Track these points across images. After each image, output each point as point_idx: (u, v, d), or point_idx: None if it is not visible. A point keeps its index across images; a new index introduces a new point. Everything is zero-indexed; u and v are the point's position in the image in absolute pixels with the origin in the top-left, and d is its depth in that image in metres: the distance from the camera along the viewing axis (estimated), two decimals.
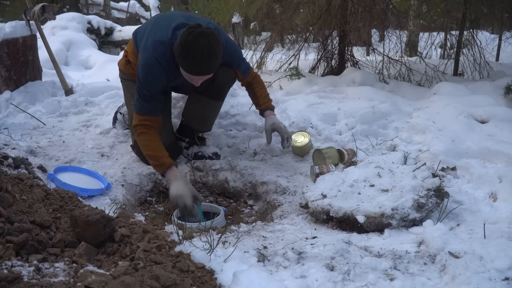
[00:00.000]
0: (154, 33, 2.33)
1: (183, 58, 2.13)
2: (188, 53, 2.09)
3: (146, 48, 2.30)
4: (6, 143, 2.72)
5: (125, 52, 2.70)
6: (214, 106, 2.75)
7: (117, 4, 14.08)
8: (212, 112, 2.78)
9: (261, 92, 2.71)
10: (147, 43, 2.31)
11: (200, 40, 2.05)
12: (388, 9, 4.81)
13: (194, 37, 2.06)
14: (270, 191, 2.44)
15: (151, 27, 2.42)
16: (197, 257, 1.45)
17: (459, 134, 2.72)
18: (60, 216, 1.65)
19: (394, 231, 1.82)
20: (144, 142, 2.32)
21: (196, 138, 2.81)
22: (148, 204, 2.48)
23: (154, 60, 2.24)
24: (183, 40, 2.09)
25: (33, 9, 3.89)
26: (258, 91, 2.71)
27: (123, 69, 2.73)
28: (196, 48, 2.06)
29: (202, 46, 2.06)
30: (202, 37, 2.05)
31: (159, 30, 2.33)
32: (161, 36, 2.28)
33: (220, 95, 2.70)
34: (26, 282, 1.17)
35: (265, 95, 2.73)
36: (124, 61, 2.70)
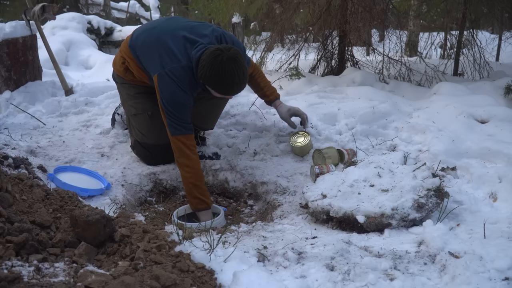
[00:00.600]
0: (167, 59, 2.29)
1: (219, 85, 2.21)
2: (225, 80, 2.16)
3: (165, 76, 2.26)
4: (6, 143, 2.72)
5: (122, 59, 2.59)
6: (219, 103, 2.76)
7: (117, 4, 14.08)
8: (216, 110, 2.79)
9: (264, 82, 2.80)
10: (165, 71, 2.26)
11: (233, 66, 2.13)
12: (388, 9, 4.81)
13: (226, 65, 2.12)
14: (270, 191, 2.44)
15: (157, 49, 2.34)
16: (197, 257, 1.45)
17: (459, 134, 2.72)
18: (60, 216, 1.65)
19: (394, 231, 1.82)
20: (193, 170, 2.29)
21: (197, 137, 2.81)
22: (148, 204, 2.48)
23: (179, 87, 2.25)
24: (216, 69, 2.13)
25: (33, 9, 3.89)
26: (261, 82, 2.78)
27: (122, 75, 2.65)
28: (231, 74, 2.15)
29: (236, 70, 2.14)
30: (232, 62, 2.13)
31: (171, 55, 2.29)
32: (177, 61, 2.28)
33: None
34: (26, 282, 1.17)
35: (269, 86, 2.82)
36: (122, 68, 2.61)
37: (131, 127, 2.71)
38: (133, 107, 2.65)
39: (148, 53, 2.40)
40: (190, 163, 2.28)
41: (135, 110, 2.64)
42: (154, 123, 2.56)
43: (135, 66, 2.52)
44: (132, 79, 2.62)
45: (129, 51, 2.51)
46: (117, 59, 2.68)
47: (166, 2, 14.58)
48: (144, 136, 2.62)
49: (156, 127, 2.56)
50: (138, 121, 2.63)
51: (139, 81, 2.58)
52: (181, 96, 2.27)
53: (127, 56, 2.54)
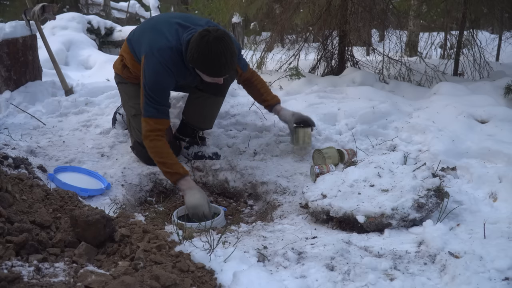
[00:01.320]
0: (157, 40, 2.32)
1: (207, 66, 2.19)
2: (212, 60, 2.15)
3: (152, 56, 2.28)
4: (6, 143, 2.72)
5: (121, 56, 2.67)
6: (216, 102, 2.76)
7: (117, 4, 14.08)
8: (213, 108, 2.79)
9: (264, 88, 2.76)
10: (152, 50, 2.29)
11: (219, 45, 2.11)
12: (388, 9, 4.82)
13: (212, 44, 2.11)
14: (270, 191, 2.44)
15: (150, 33, 2.40)
16: (197, 257, 1.45)
17: (459, 134, 2.72)
18: (60, 216, 1.65)
19: (394, 231, 1.81)
20: (156, 149, 2.34)
21: (196, 137, 2.81)
22: (148, 204, 2.48)
23: (163, 66, 2.26)
24: (202, 49, 2.13)
25: (33, 9, 3.89)
26: (261, 88, 2.74)
27: (120, 73, 2.72)
28: (218, 54, 2.12)
29: (222, 50, 2.12)
30: (219, 41, 2.12)
31: (162, 36, 2.32)
32: (165, 42, 2.29)
33: (221, 91, 2.71)
34: (26, 282, 1.17)
35: (270, 91, 2.78)
36: (120, 65, 2.69)
37: (131, 127, 2.72)
38: (133, 107, 2.66)
39: (141, 39, 2.45)
40: (152, 144, 2.33)
41: (135, 110, 2.65)
42: None
43: (130, 59, 2.55)
44: (129, 75, 2.65)
45: (126, 46, 2.57)
46: (117, 59, 2.75)
47: (166, 2, 14.59)
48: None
49: None
50: (138, 121, 2.64)
51: (135, 76, 2.60)
52: (163, 78, 2.28)
53: (125, 52, 2.60)
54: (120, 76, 2.73)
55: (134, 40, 2.52)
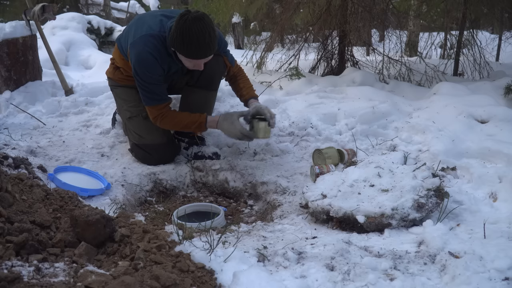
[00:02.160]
0: (141, 29, 2.36)
1: (185, 46, 2.18)
2: (190, 39, 2.14)
3: (136, 44, 2.32)
4: (6, 143, 2.72)
5: (112, 60, 2.72)
6: (208, 96, 2.76)
7: (117, 4, 14.08)
8: (206, 103, 2.78)
9: (244, 83, 2.71)
10: (135, 39, 2.33)
11: (197, 24, 2.11)
12: (388, 9, 4.81)
13: (190, 23, 2.11)
14: (270, 191, 2.44)
15: (135, 26, 2.44)
16: (197, 257, 1.45)
17: (459, 134, 2.72)
18: (60, 216, 1.65)
19: (394, 231, 1.81)
20: (170, 123, 2.49)
21: (195, 137, 2.81)
22: (148, 204, 2.48)
23: (147, 53, 2.29)
24: (180, 28, 2.14)
25: (33, 9, 3.89)
26: (241, 83, 2.71)
27: (112, 76, 2.75)
28: (196, 33, 2.12)
29: (201, 29, 2.12)
30: (197, 21, 2.12)
31: (145, 25, 2.36)
32: (148, 29, 2.32)
33: (212, 84, 2.72)
34: (26, 282, 1.17)
35: (249, 86, 2.71)
36: (112, 68, 2.73)
37: (128, 131, 2.73)
38: (128, 111, 2.68)
39: (127, 34, 2.48)
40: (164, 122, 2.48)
41: (130, 113, 2.67)
42: (149, 123, 2.60)
43: (119, 58, 2.59)
44: (121, 77, 2.68)
45: (116, 46, 2.61)
46: (109, 65, 2.79)
47: (166, 2, 14.58)
48: (141, 137, 2.63)
49: (151, 127, 2.61)
50: (134, 123, 2.66)
51: (127, 77, 2.62)
52: (150, 63, 2.31)
53: (115, 53, 2.65)
54: (112, 80, 2.76)
55: (122, 38, 2.56)
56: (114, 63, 2.70)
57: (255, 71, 4.70)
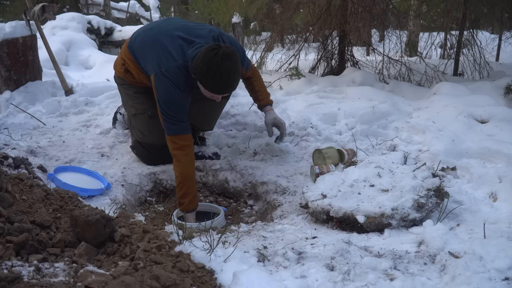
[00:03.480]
0: (163, 59, 2.30)
1: (211, 82, 2.17)
2: (216, 76, 2.13)
3: (162, 75, 2.27)
4: (6, 143, 2.73)
5: (123, 60, 2.62)
6: (219, 104, 2.76)
7: (117, 4, 14.07)
8: (216, 110, 2.79)
9: (259, 86, 2.75)
10: (161, 70, 2.27)
11: (226, 63, 2.11)
12: (388, 9, 4.81)
13: (219, 60, 2.10)
14: (270, 191, 2.44)
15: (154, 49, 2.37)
16: (197, 257, 1.45)
17: (459, 134, 2.72)
18: (60, 216, 1.65)
19: (394, 231, 1.81)
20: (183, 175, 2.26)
21: (196, 137, 2.81)
22: (148, 204, 2.48)
23: (174, 84, 2.25)
24: (209, 63, 2.11)
25: (33, 9, 3.89)
26: (256, 85, 2.74)
27: (122, 76, 2.68)
28: (223, 71, 2.11)
29: (229, 68, 2.11)
30: (227, 59, 2.11)
31: (167, 55, 2.31)
32: (172, 61, 2.29)
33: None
34: (26, 282, 1.17)
35: (264, 90, 2.77)
36: (122, 70, 2.65)
37: (132, 127, 2.72)
38: (134, 107, 2.66)
39: (145, 53, 2.42)
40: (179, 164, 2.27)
41: (135, 110, 2.65)
42: (154, 123, 2.56)
43: (134, 67, 2.53)
44: (132, 80, 2.63)
45: (128, 52, 2.53)
46: (117, 61, 2.71)
47: (166, 2, 14.58)
48: (144, 136, 2.63)
49: (156, 127, 2.56)
50: (139, 121, 2.64)
51: (139, 82, 2.59)
52: (177, 95, 2.27)
53: (127, 58, 2.56)
54: (121, 78, 2.71)
55: (136, 49, 2.48)
56: (125, 65, 2.61)
57: None
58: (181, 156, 2.28)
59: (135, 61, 2.49)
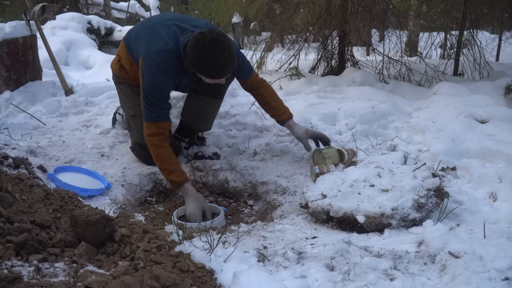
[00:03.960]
0: (154, 42, 2.30)
1: (207, 69, 2.17)
2: (211, 63, 2.13)
3: (149, 58, 2.26)
4: (6, 143, 2.72)
5: (118, 57, 2.64)
6: (214, 104, 2.76)
7: (117, 4, 14.07)
8: (212, 110, 2.78)
9: (275, 101, 2.61)
10: (149, 53, 2.27)
11: (216, 47, 2.10)
12: (388, 9, 4.81)
13: (209, 47, 2.09)
14: (270, 191, 2.44)
15: (147, 34, 2.38)
16: (197, 257, 1.45)
17: (459, 134, 2.72)
18: (60, 216, 1.65)
19: (394, 231, 1.81)
20: (157, 157, 2.32)
21: (196, 138, 2.81)
22: (148, 204, 2.48)
23: (160, 69, 2.24)
24: (200, 52, 2.11)
25: (33, 9, 3.89)
26: (272, 101, 2.61)
27: (117, 73, 2.69)
28: (216, 56, 2.10)
29: (221, 51, 2.10)
30: (216, 43, 2.10)
31: (159, 38, 2.30)
32: (163, 45, 2.28)
33: (219, 93, 2.71)
34: (26, 282, 1.17)
35: (281, 103, 2.64)
36: (117, 66, 2.66)
37: (131, 128, 2.72)
38: (132, 108, 2.66)
39: (138, 40, 2.43)
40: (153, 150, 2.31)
41: (134, 111, 2.65)
42: None
43: (127, 60, 2.54)
44: (126, 77, 2.64)
45: (123, 46, 2.55)
46: (114, 59, 2.73)
47: (166, 2, 14.58)
48: (143, 136, 2.62)
49: None
50: (137, 122, 2.64)
51: (133, 78, 2.59)
52: (162, 81, 2.27)
53: (122, 52, 2.58)
54: (117, 76, 2.72)
55: (131, 41, 2.50)
56: (120, 61, 2.63)
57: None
58: (155, 141, 2.31)
59: (129, 53, 2.50)
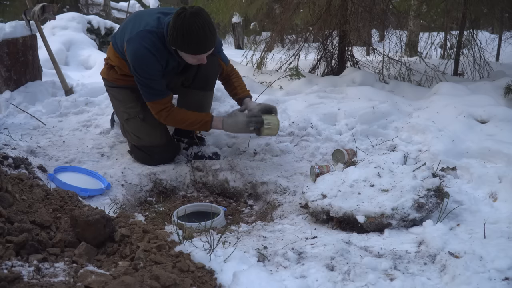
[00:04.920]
0: (138, 25, 2.34)
1: (187, 43, 2.18)
2: (190, 36, 2.14)
3: (133, 40, 2.29)
4: (6, 143, 2.72)
5: (106, 59, 2.67)
6: (204, 96, 2.76)
7: (117, 4, 14.07)
8: (203, 103, 2.77)
9: (238, 82, 2.74)
10: (132, 35, 2.31)
11: (196, 20, 2.11)
12: (388, 9, 4.82)
13: (189, 20, 2.11)
14: (270, 191, 2.44)
15: (132, 23, 2.42)
16: (197, 257, 1.45)
17: (459, 134, 2.72)
18: (60, 216, 1.65)
19: (394, 231, 1.81)
20: (175, 120, 2.45)
21: (195, 137, 2.81)
22: (148, 204, 2.48)
23: (144, 49, 2.27)
24: (179, 26, 2.13)
25: (33, 9, 3.89)
26: (235, 82, 2.73)
27: (106, 77, 2.71)
28: (196, 29, 2.12)
29: (200, 24, 2.12)
30: (195, 17, 2.12)
31: (142, 21, 2.34)
32: (146, 25, 2.30)
33: (208, 84, 2.72)
34: (26, 282, 1.17)
35: (243, 85, 2.74)
36: (106, 69, 2.69)
37: (127, 132, 2.72)
38: (126, 112, 2.67)
39: (123, 31, 2.45)
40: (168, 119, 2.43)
41: (128, 115, 2.66)
42: (147, 124, 2.60)
43: (114, 57, 2.55)
44: (115, 77, 2.65)
45: (110, 45, 2.57)
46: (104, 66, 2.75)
47: (166, 2, 14.58)
48: (139, 139, 2.63)
49: (149, 128, 2.61)
50: (132, 125, 2.65)
51: (122, 77, 2.60)
52: (148, 58, 2.28)
53: (109, 52, 2.60)
54: (107, 80, 2.73)
55: (117, 36, 2.52)
56: (108, 63, 2.66)
57: (255, 71, 4.70)
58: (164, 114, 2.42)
59: (115, 49, 2.51)
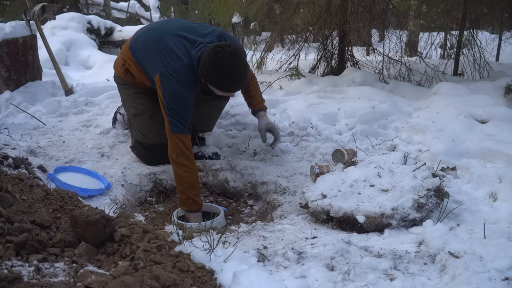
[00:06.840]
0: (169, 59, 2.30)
1: (222, 82, 2.19)
2: (225, 76, 2.16)
3: (168, 75, 2.26)
4: (6, 143, 2.72)
5: (123, 61, 2.61)
6: (219, 105, 2.77)
7: (117, 4, 14.06)
8: (216, 111, 2.79)
9: (255, 92, 2.75)
10: (167, 70, 2.27)
11: (233, 61, 2.13)
12: (388, 9, 4.81)
13: (227, 61, 2.12)
14: (270, 191, 2.44)
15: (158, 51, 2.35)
16: (197, 257, 1.45)
17: (459, 134, 2.72)
18: (60, 216, 1.65)
19: (394, 231, 1.82)
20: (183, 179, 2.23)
21: (196, 138, 2.81)
22: (148, 204, 2.48)
23: (182, 85, 2.26)
24: (217, 65, 2.13)
25: (33, 9, 3.89)
26: (252, 91, 2.74)
27: (122, 76, 2.68)
28: (231, 71, 2.14)
29: (237, 66, 2.14)
30: (233, 57, 2.13)
31: (172, 54, 2.31)
32: (178, 60, 2.29)
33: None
34: (26, 282, 1.17)
35: (259, 96, 2.78)
36: (122, 70, 2.64)
37: (132, 127, 2.72)
38: (134, 107, 2.66)
39: (148, 54, 2.41)
40: (189, 163, 2.25)
41: (135, 110, 2.65)
42: (154, 123, 2.57)
43: (135, 67, 2.53)
44: (132, 80, 2.63)
45: (129, 53, 2.53)
46: (118, 61, 2.71)
47: (166, 2, 14.58)
48: (144, 136, 2.63)
49: (155, 127, 2.57)
50: (138, 121, 2.65)
51: (140, 82, 2.60)
52: (185, 93, 2.27)
53: (128, 58, 2.56)
54: (122, 79, 2.71)
55: (137, 50, 2.47)
56: (125, 65, 2.60)
57: (255, 71, 4.70)
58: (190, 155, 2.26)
59: (137, 62, 2.49)
